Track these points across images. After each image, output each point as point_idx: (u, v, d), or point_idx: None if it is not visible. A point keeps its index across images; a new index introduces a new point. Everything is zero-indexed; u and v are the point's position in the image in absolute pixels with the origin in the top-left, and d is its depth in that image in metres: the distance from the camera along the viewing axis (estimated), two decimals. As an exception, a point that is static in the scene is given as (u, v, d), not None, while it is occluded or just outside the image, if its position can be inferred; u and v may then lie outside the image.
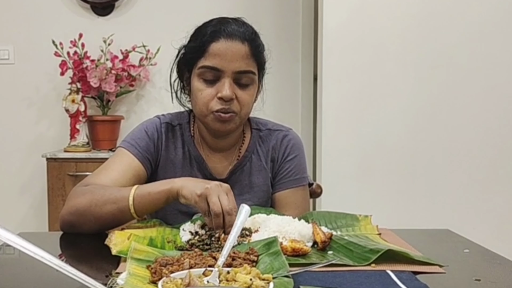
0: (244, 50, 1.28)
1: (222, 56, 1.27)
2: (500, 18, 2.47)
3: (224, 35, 1.28)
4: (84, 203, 1.20)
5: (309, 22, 3.29)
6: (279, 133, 1.45)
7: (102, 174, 1.30)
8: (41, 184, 3.07)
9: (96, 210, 1.18)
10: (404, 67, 2.50)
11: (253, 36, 1.32)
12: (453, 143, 2.50)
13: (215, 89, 1.28)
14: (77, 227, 1.21)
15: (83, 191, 1.23)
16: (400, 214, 2.49)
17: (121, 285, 0.82)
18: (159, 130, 1.38)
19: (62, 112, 3.00)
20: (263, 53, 1.36)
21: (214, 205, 1.09)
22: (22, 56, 3.18)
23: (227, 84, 1.27)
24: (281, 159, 1.43)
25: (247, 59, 1.29)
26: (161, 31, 3.10)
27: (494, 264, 1.02)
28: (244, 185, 1.40)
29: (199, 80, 1.30)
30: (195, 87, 1.31)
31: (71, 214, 1.21)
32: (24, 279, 0.94)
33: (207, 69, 1.28)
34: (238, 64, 1.27)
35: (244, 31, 1.30)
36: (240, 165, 1.40)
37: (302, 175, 1.44)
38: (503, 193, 2.50)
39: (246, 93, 1.31)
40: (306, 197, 1.47)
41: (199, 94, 1.30)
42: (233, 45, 1.27)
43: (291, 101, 3.23)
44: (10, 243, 0.77)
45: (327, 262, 0.95)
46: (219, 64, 1.27)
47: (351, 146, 2.52)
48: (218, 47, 1.27)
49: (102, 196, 1.19)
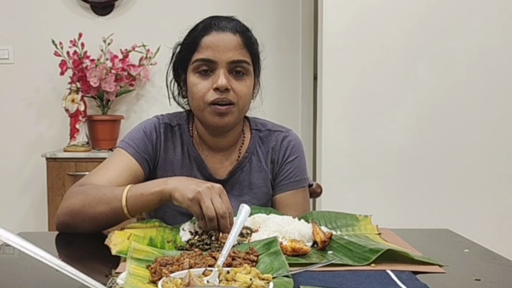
0: (236, 40, 1.29)
1: (214, 48, 1.28)
2: (501, 18, 2.47)
3: (215, 28, 1.30)
4: (78, 203, 1.20)
5: (309, 22, 3.29)
6: (279, 134, 1.44)
7: (98, 174, 1.29)
8: (41, 184, 3.07)
9: (89, 210, 1.18)
10: (404, 67, 2.50)
11: (244, 29, 1.33)
12: (453, 143, 2.50)
13: (211, 81, 1.28)
14: (72, 228, 1.22)
15: (77, 192, 1.24)
16: (400, 214, 2.49)
17: (121, 285, 0.81)
18: (158, 130, 1.37)
19: (62, 112, 3.00)
20: (256, 46, 1.36)
21: (208, 210, 1.08)
22: (21, 56, 3.19)
23: (222, 74, 1.27)
24: (281, 161, 1.42)
25: (240, 49, 1.29)
26: (161, 30, 3.10)
27: (494, 264, 1.02)
28: (244, 186, 1.39)
29: (194, 74, 1.31)
30: (190, 82, 1.31)
31: (65, 214, 1.22)
32: (24, 279, 0.94)
33: (201, 61, 1.29)
34: (231, 54, 1.28)
35: (235, 24, 1.32)
36: (240, 165, 1.39)
37: (303, 177, 1.44)
38: (503, 193, 2.50)
39: (242, 84, 1.30)
40: (306, 198, 1.46)
41: (194, 88, 1.30)
42: (225, 36, 1.29)
43: (291, 101, 3.23)
44: (10, 243, 0.77)
45: (327, 262, 0.95)
46: (212, 55, 1.28)
47: (351, 146, 2.52)
48: (210, 39, 1.29)
49: (95, 197, 1.19)
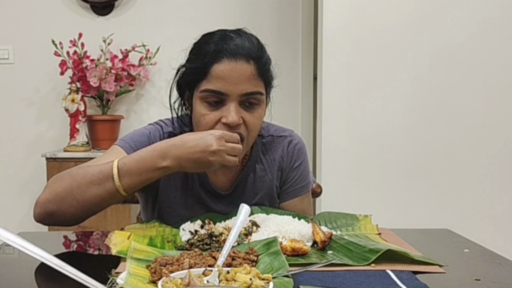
0: (250, 70, 1.18)
1: (226, 79, 1.16)
2: (501, 18, 2.47)
3: (227, 55, 1.17)
4: (64, 187, 1.10)
5: (309, 22, 3.29)
6: (284, 140, 1.38)
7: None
8: (41, 184, 3.03)
9: (79, 193, 1.09)
10: (404, 67, 2.50)
11: (259, 53, 1.21)
12: (453, 143, 2.50)
13: (219, 113, 1.18)
14: (57, 215, 1.11)
15: (61, 176, 1.14)
16: (400, 214, 2.49)
17: (121, 285, 0.82)
18: (162, 139, 1.26)
19: (61, 112, 3.00)
20: (270, 69, 1.26)
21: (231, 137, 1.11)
22: (21, 56, 3.18)
23: (233, 108, 1.17)
24: (289, 168, 1.38)
25: (254, 79, 1.19)
26: (161, 30, 3.11)
27: (494, 264, 1.02)
28: (248, 196, 1.33)
29: (201, 103, 1.20)
30: (197, 111, 1.20)
31: (49, 201, 1.11)
32: (24, 279, 0.94)
33: (211, 92, 1.18)
34: (244, 86, 1.17)
35: (249, 48, 1.19)
36: (244, 177, 1.33)
37: (307, 181, 1.41)
38: (503, 193, 2.50)
39: (254, 116, 1.21)
40: (310, 200, 1.44)
41: (202, 119, 1.19)
42: (238, 66, 1.17)
43: (291, 101, 3.23)
44: (10, 243, 0.77)
45: (327, 262, 0.95)
46: (223, 87, 1.16)
47: (351, 145, 2.52)
48: (221, 69, 1.17)
49: (84, 177, 1.10)
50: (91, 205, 1.11)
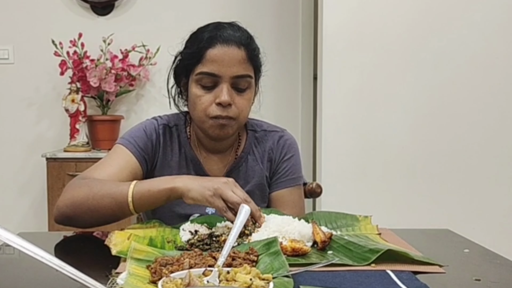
0: (240, 54, 1.29)
1: (219, 62, 1.28)
2: (501, 18, 2.47)
3: (220, 41, 1.29)
4: (81, 195, 1.19)
5: (309, 22, 3.29)
6: (275, 134, 1.47)
7: (99, 169, 1.29)
8: (41, 184, 3.07)
9: (93, 203, 1.18)
10: (404, 67, 2.50)
11: (249, 40, 1.33)
12: (453, 143, 2.50)
13: (213, 95, 1.30)
14: (73, 220, 1.21)
15: (80, 184, 1.23)
16: (400, 214, 2.49)
17: (121, 285, 0.82)
18: (157, 131, 1.39)
19: (62, 112, 3.00)
20: (259, 56, 1.37)
21: (233, 197, 1.11)
22: (21, 56, 3.18)
23: (225, 89, 1.28)
24: (278, 159, 1.45)
25: (244, 63, 1.30)
26: (161, 30, 3.11)
27: (494, 264, 1.02)
28: (240, 184, 1.38)
29: (196, 86, 1.31)
30: (193, 93, 1.32)
31: (67, 206, 1.21)
32: (24, 279, 0.94)
33: (205, 75, 1.29)
34: (235, 69, 1.29)
35: (240, 36, 1.31)
36: (236, 166, 1.42)
37: (298, 175, 1.48)
38: (503, 193, 2.50)
39: (244, 98, 1.32)
40: (301, 196, 1.50)
41: (197, 100, 1.31)
42: (230, 50, 1.29)
43: (291, 101, 3.23)
44: (10, 243, 0.77)
45: (327, 262, 0.95)
46: (216, 70, 1.28)
47: (351, 146, 2.52)
48: (215, 53, 1.28)
49: (100, 190, 1.19)
50: (102, 216, 1.20)
